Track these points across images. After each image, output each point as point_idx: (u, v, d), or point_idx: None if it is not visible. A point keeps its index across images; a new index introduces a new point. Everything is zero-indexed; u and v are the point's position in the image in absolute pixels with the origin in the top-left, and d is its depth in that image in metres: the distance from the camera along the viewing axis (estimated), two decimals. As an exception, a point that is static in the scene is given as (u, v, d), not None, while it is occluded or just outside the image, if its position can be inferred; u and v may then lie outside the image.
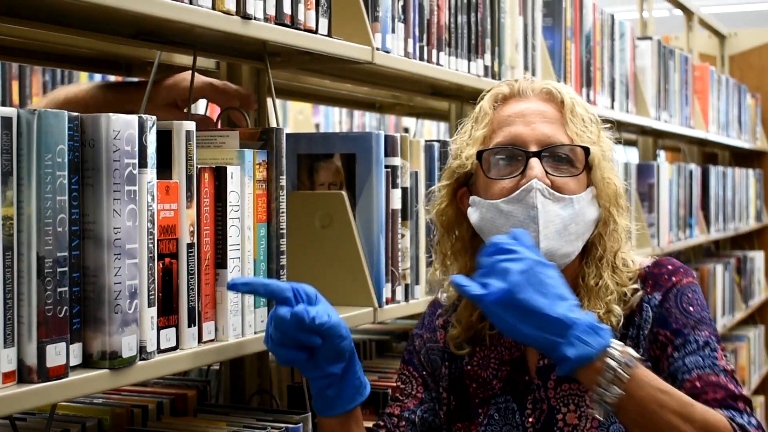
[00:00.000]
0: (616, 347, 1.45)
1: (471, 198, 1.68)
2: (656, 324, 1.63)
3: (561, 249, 1.61)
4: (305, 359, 1.53)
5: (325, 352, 1.52)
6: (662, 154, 5.71)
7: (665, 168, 4.38)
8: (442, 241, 1.74)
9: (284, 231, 1.66)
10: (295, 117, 5.17)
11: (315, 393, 1.59)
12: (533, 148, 1.62)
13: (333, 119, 5.72)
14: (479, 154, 1.65)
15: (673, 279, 1.66)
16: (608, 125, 1.73)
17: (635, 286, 1.67)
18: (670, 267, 1.68)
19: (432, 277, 1.79)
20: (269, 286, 1.50)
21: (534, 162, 1.61)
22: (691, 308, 1.63)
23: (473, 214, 1.66)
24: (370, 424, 1.75)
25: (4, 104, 2.99)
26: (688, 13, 5.78)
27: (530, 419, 1.66)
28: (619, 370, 1.44)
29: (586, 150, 1.63)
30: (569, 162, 1.64)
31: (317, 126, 5.60)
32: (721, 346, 1.61)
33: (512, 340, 1.69)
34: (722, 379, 1.56)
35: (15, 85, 3.49)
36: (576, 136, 1.64)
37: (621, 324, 1.64)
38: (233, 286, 1.50)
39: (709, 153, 6.24)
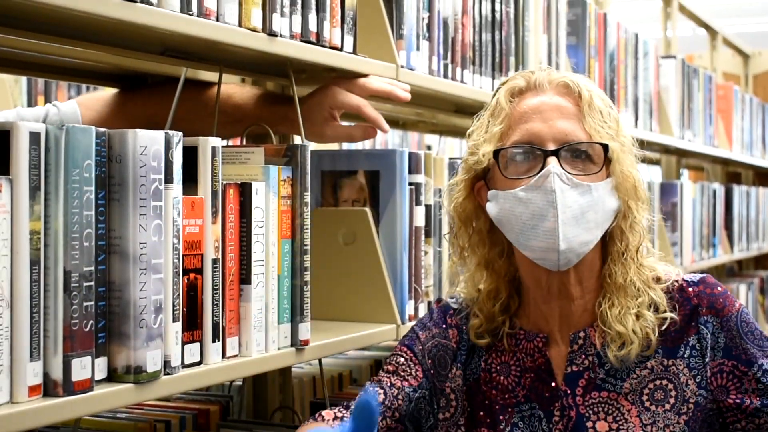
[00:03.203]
0: None
1: (489, 192, 1.66)
2: (722, 355, 1.63)
3: (579, 236, 1.59)
4: None
5: None
6: (686, 173, 5.69)
7: (689, 187, 4.37)
8: (460, 234, 1.73)
9: (308, 247, 1.66)
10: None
11: None
12: (551, 147, 1.60)
13: (355, 136, 5.72)
14: (496, 153, 1.63)
15: (728, 304, 1.66)
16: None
17: (665, 302, 1.65)
18: (720, 289, 1.68)
19: (451, 269, 1.78)
20: None
21: (551, 160, 1.59)
22: (756, 338, 1.64)
23: (492, 208, 1.65)
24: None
25: (30, 120, 3.00)
26: (712, 32, 5.77)
27: (558, 426, 1.64)
28: None
29: (605, 146, 1.62)
30: (588, 158, 1.62)
31: (339, 144, 5.61)
32: None
33: (532, 346, 1.68)
34: None
35: (41, 101, 3.52)
36: (594, 132, 1.62)
37: (671, 340, 1.64)
38: None
39: (732, 172, 6.21)
